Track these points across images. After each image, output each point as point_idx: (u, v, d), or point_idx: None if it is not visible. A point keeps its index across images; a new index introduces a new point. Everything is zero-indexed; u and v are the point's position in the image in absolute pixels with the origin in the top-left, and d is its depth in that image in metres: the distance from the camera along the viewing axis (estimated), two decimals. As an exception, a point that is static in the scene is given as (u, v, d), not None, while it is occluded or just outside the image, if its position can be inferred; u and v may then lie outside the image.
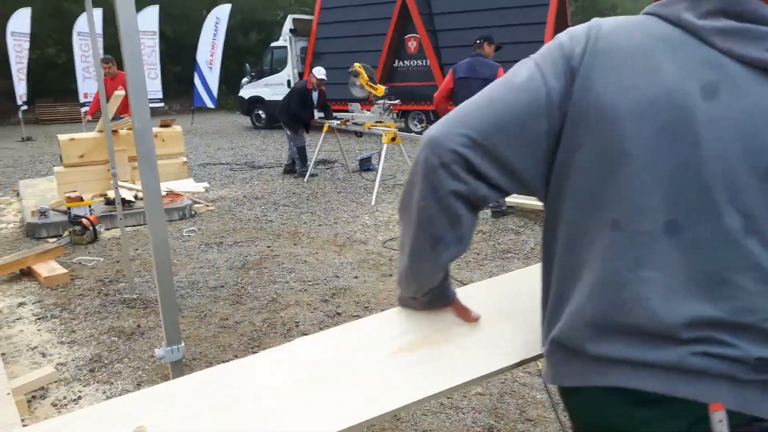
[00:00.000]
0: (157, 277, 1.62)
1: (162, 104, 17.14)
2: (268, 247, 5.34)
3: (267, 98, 16.47)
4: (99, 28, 16.04)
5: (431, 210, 0.95)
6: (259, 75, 16.69)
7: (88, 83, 15.87)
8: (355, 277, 4.51)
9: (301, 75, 16.12)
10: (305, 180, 8.49)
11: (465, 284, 4.21)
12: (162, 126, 7.46)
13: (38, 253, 4.74)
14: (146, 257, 5.11)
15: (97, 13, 16.18)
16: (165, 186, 6.98)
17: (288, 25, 15.90)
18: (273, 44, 16.66)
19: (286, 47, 15.95)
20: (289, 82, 16.01)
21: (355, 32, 15.25)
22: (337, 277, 4.53)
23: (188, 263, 4.93)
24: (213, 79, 16.13)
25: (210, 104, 16.54)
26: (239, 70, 17.72)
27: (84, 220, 5.53)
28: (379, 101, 7.66)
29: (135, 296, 4.19)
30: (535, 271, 1.12)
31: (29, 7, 15.06)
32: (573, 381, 0.94)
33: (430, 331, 1.19)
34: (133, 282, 4.30)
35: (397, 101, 7.87)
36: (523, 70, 0.95)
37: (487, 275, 4.47)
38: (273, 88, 16.31)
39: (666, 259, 0.83)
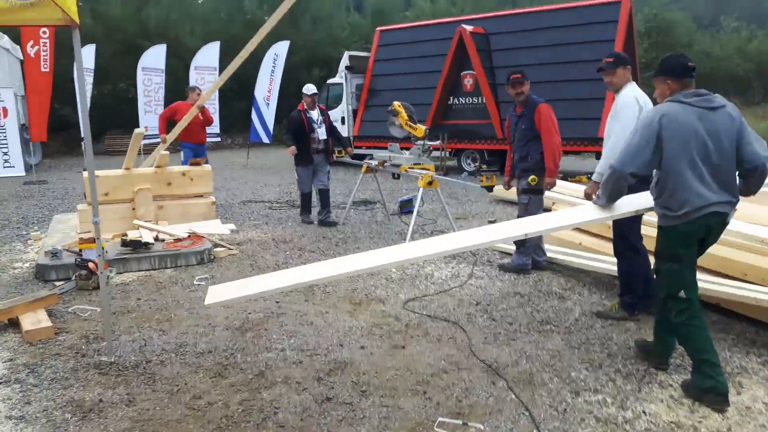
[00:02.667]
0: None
1: (217, 139, 17.30)
2: (277, 302, 4.83)
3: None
4: (162, 63, 16.47)
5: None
6: (315, 111, 16.55)
7: (149, 117, 16.21)
8: (362, 347, 3.92)
9: (355, 112, 15.89)
10: (341, 222, 8.02)
11: (489, 364, 3.58)
12: (192, 164, 7.19)
13: (29, 301, 4.41)
14: (146, 309, 4.71)
15: (161, 49, 16.61)
16: (187, 227, 6.67)
17: (344, 61, 15.75)
18: (329, 81, 16.54)
19: (341, 84, 15.78)
20: (343, 119, 15.79)
21: (411, 69, 14.91)
22: (341, 345, 3.95)
23: (185, 319, 4.48)
24: (269, 114, 16.13)
25: (265, 139, 16.52)
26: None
27: (90, 264, 5.21)
28: (418, 142, 7.14)
29: (112, 359, 3.75)
30: None
31: (93, 44, 15.57)
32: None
33: None
34: (113, 343, 3.88)
35: (437, 142, 7.33)
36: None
37: (517, 354, 3.78)
38: (327, 124, 16.10)
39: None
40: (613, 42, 11.94)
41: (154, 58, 16.26)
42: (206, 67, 16.43)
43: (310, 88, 7.89)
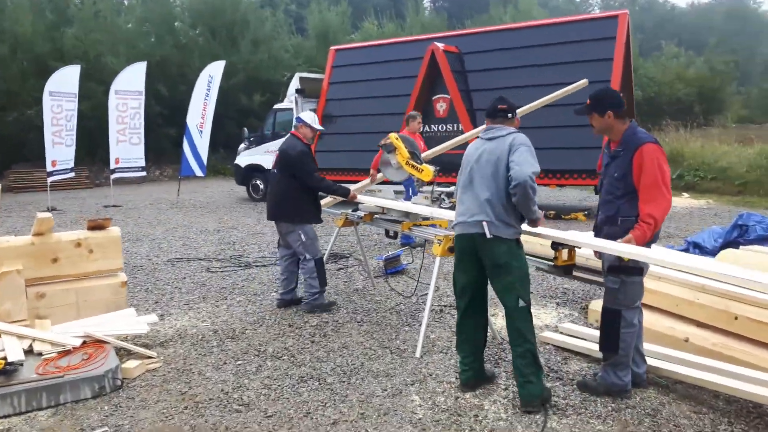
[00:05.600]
0: None
1: (143, 173, 14.77)
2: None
3: (267, 166, 14.04)
4: (75, 86, 13.87)
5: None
6: (259, 140, 14.34)
7: (58, 149, 13.55)
8: None
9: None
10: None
11: None
12: (91, 228, 4.84)
13: None
14: None
15: (74, 71, 14.02)
16: (82, 327, 4.33)
17: (294, 84, 13.64)
18: (276, 106, 14.37)
19: (291, 109, 13.64)
20: (293, 148, 13.60)
21: (372, 93, 12.99)
22: None
23: None
24: (203, 144, 13.82)
25: (199, 172, 14.17)
26: (241, 134, 15.48)
27: None
28: (425, 188, 5.09)
29: None
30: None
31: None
32: None
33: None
34: None
35: (451, 188, 5.33)
36: None
37: None
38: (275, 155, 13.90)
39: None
40: (611, 61, 10.41)
41: (66, 81, 13.62)
42: (129, 92, 13.99)
43: (314, 117, 5.59)
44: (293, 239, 5.36)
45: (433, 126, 11.99)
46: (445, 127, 11.85)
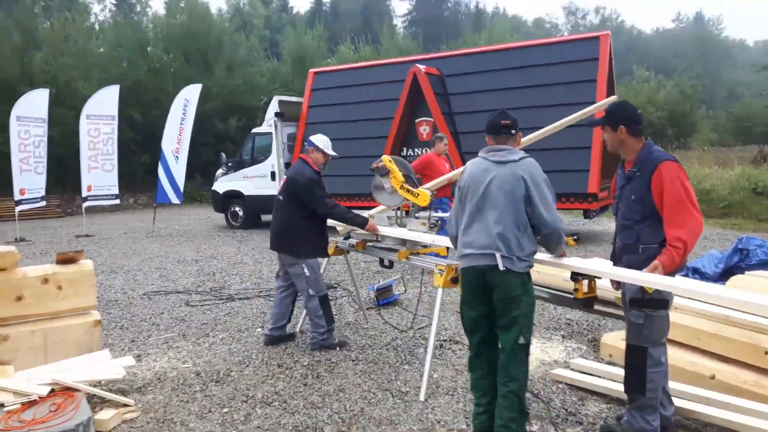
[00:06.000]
0: None
1: (116, 201, 14.23)
2: None
3: (247, 193, 13.66)
4: (44, 111, 13.37)
5: None
6: (238, 166, 13.96)
7: (26, 177, 12.98)
8: None
9: (288, 165, 13.41)
10: (297, 329, 5.48)
11: None
12: (60, 262, 4.43)
13: None
14: None
15: (42, 95, 13.53)
16: (51, 372, 3.90)
17: (273, 107, 13.33)
18: (255, 130, 14.02)
19: (270, 133, 13.31)
20: (273, 174, 13.27)
21: (353, 116, 12.72)
22: None
23: None
24: (179, 170, 13.36)
25: (175, 200, 13.68)
26: (218, 159, 15.08)
27: None
28: (421, 213, 4.80)
29: None
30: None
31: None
32: None
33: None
34: None
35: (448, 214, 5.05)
36: None
37: None
38: (254, 181, 13.54)
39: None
40: (595, 82, 10.33)
41: (34, 106, 13.10)
42: (101, 116, 13.51)
43: (327, 142, 5.13)
44: (295, 273, 4.98)
45: (416, 149, 11.76)
46: (428, 151, 11.62)
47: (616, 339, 4.28)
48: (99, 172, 13.48)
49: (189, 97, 13.52)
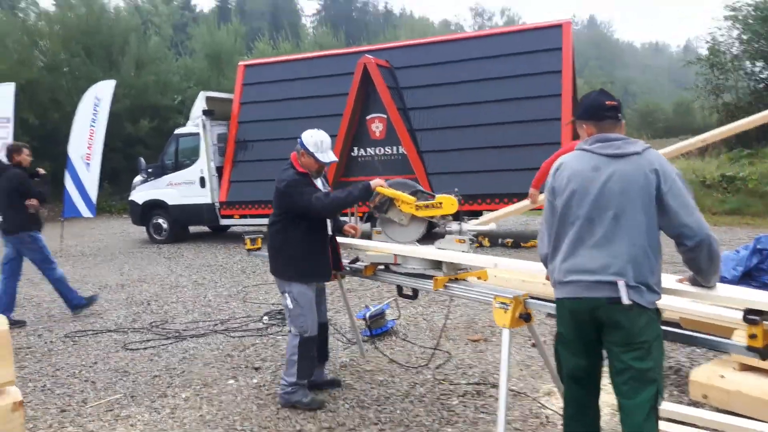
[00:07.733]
0: None
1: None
2: None
3: (171, 202, 12.06)
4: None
5: None
6: (159, 172, 12.31)
7: None
8: None
9: (219, 169, 11.95)
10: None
11: None
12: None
13: None
14: None
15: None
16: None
17: (200, 105, 11.82)
18: (179, 131, 12.43)
19: (197, 134, 11.80)
20: (202, 180, 11.78)
21: (292, 114, 11.47)
22: None
23: None
24: (91, 179, 11.57)
25: (87, 213, 11.85)
26: (129, 165, 13.30)
27: None
28: (453, 225, 3.72)
29: None
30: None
31: None
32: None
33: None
34: None
35: (489, 227, 4.03)
36: None
37: None
38: (180, 188, 11.98)
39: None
40: (560, 74, 9.72)
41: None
42: (-7, 117, 11.47)
43: (324, 146, 3.84)
44: (283, 302, 3.85)
45: (368, 149, 10.73)
46: (383, 150, 10.62)
47: (711, 376, 3.45)
48: (-9, 183, 11.42)
49: (100, 95, 11.75)
